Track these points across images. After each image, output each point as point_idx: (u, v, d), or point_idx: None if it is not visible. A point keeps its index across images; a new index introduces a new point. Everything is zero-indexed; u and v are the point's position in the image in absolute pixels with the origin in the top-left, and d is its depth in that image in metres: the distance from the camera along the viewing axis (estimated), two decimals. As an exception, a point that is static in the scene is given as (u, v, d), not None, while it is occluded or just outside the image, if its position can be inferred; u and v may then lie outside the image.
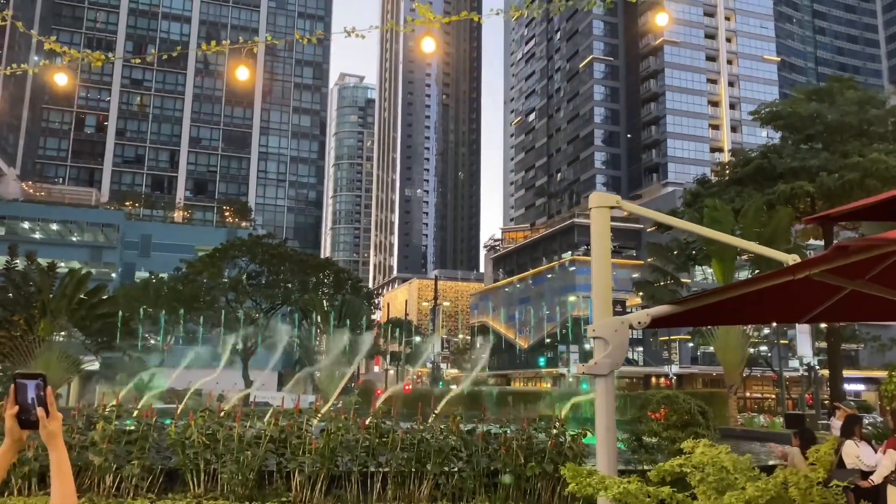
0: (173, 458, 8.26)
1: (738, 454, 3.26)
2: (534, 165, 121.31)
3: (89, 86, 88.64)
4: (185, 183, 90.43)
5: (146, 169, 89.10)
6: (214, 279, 48.99)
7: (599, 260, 3.47)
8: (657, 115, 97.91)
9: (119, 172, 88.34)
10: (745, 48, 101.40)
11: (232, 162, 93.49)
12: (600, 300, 3.44)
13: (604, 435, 3.34)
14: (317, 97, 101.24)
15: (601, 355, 3.38)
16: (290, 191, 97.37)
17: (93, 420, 8.99)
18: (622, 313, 3.68)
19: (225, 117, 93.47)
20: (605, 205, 3.59)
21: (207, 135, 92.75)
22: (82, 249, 70.99)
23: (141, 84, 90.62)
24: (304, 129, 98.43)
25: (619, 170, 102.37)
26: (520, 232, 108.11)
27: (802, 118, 33.57)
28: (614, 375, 3.42)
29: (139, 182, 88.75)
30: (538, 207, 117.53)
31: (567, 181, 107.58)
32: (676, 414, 9.84)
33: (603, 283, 3.44)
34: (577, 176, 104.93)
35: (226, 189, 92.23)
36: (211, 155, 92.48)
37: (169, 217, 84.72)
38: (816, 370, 36.75)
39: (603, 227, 3.54)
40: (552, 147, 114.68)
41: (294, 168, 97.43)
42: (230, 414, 8.98)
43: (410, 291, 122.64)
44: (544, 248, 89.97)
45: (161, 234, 75.72)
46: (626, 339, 3.43)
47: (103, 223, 74.18)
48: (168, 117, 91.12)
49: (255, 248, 51.09)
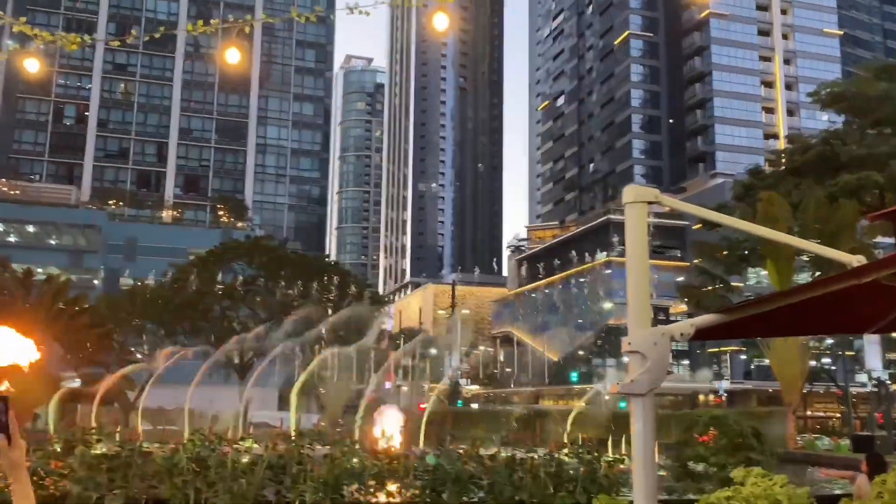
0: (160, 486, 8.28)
1: (796, 484, 3.18)
2: (563, 156, 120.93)
3: (68, 72, 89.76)
4: (175, 179, 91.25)
5: (131, 164, 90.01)
6: (208, 286, 49.33)
7: (636, 262, 3.39)
8: (703, 97, 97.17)
9: (101, 168, 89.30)
10: (803, 20, 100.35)
11: (226, 155, 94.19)
12: (637, 308, 3.35)
13: (642, 462, 3.26)
14: (320, 82, 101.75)
15: (638, 372, 3.29)
16: (291, 187, 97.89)
17: (71, 444, 9.05)
18: (665, 323, 3.60)
19: (218, 106, 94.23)
20: (641, 200, 3.48)
21: (199, 125, 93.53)
22: (61, 254, 71.87)
23: (125, 70, 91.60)
24: (307, 118, 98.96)
25: (659, 160, 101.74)
26: (548, 230, 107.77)
27: (869, 99, 33.16)
28: (653, 394, 3.34)
29: (123, 178, 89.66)
30: (568, 203, 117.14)
31: (601, 173, 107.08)
32: (726, 436, 9.72)
33: (639, 288, 3.36)
34: (612, 167, 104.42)
35: (220, 185, 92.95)
36: (203, 147, 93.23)
37: (157, 217, 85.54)
38: (887, 385, 36.24)
39: (639, 225, 3.45)
40: (584, 135, 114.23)
41: (295, 161, 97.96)
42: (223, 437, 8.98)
43: (425, 298, 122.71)
44: (576, 248, 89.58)
45: (148, 236, 76.47)
46: (668, 352, 3.33)
47: (84, 224, 75.03)
48: (155, 106, 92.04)
49: (252, 251, 51.41)
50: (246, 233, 67.07)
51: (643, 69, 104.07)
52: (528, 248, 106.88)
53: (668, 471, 10.05)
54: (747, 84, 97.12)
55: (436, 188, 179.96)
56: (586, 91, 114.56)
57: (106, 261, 74.39)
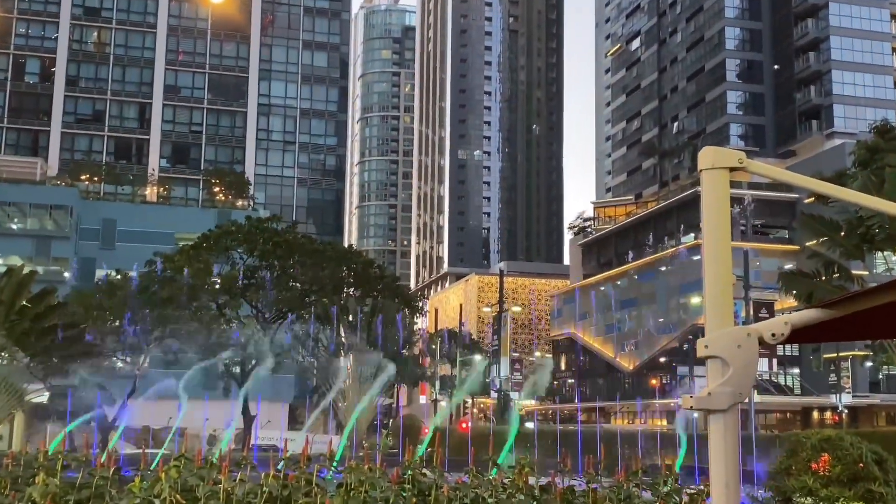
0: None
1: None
2: (639, 113, 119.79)
3: (29, 19, 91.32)
4: (160, 148, 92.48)
5: (107, 130, 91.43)
6: (201, 278, 50.03)
7: (714, 244, 3.38)
8: (817, 35, 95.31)
9: (71, 136, 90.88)
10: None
11: (222, 118, 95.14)
12: (716, 302, 3.34)
13: (723, 495, 3.25)
14: (335, 26, 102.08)
15: (718, 382, 3.28)
16: (302, 156, 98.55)
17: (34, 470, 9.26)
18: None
19: (212, 57, 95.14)
20: (722, 165, 3.48)
21: (188, 82, 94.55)
22: (24, 240, 73.36)
23: (98, 14, 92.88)
24: (320, 72, 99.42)
25: (761, 116, 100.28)
26: (620, 207, 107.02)
27: None
28: (738, 410, 3.32)
29: (98, 148, 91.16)
30: (646, 172, 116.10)
31: (687, 134, 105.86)
32: (842, 464, 9.61)
33: (719, 276, 3.33)
34: (702, 126, 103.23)
35: (214, 155, 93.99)
36: (194, 109, 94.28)
37: (139, 195, 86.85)
38: None
39: (719, 197, 3.44)
40: (665, 86, 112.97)
41: (306, 125, 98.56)
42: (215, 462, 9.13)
43: (467, 292, 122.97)
44: (656, 229, 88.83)
45: (129, 219, 77.68)
46: (755, 358, 3.31)
47: (52, 205, 76.45)
48: (135, 59, 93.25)
49: (254, 236, 51.93)
50: (247, 213, 67.74)
51: (740, 1, 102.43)
52: (596, 229, 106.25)
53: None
54: (873, 19, 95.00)
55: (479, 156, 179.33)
56: (668, 30, 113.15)
57: (78, 248, 75.79)
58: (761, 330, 3.28)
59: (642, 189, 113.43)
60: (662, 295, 79.73)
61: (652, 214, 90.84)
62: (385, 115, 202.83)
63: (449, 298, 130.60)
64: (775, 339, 3.27)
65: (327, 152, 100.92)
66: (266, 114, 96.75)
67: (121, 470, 9.50)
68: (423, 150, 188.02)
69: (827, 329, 3.50)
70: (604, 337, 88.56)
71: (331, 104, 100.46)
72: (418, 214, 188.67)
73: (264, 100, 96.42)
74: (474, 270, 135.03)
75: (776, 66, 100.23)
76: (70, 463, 9.15)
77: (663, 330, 75.69)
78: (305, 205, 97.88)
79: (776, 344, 3.40)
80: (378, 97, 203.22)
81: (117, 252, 72.52)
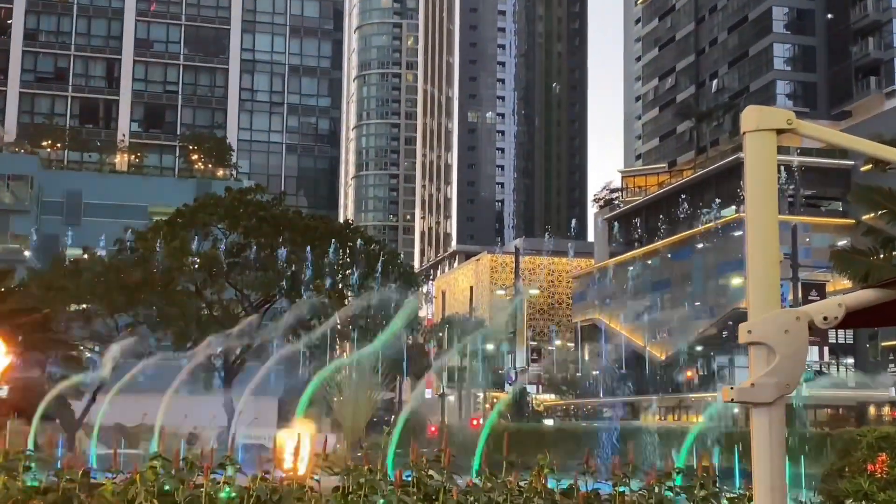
0: (110, 530, 8.53)
1: None
2: (673, 69, 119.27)
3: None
4: (131, 110, 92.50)
5: (71, 90, 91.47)
6: (177, 257, 50.18)
7: (759, 216, 3.38)
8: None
9: (31, 96, 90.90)
10: None
11: (200, 76, 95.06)
12: (760, 282, 3.35)
13: (768, 499, 3.27)
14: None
15: (762, 372, 3.30)
16: (290, 119, 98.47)
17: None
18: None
19: (188, 7, 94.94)
20: (768, 127, 3.48)
21: (162, 34, 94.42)
22: (-22, 215, 73.65)
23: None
24: (311, 22, 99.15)
25: (812, 72, 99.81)
26: (651, 176, 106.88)
27: None
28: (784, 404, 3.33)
29: (61, 110, 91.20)
30: (681, 136, 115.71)
31: (728, 92, 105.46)
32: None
33: (764, 253, 3.34)
34: (745, 84, 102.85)
35: (192, 118, 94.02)
36: (168, 66, 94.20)
37: (107, 164, 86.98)
38: None
39: (764, 162, 3.44)
40: (703, 38, 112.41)
41: (295, 84, 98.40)
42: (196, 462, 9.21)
43: (478, 272, 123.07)
44: (691, 200, 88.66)
45: (96, 190, 77.85)
46: (804, 345, 3.33)
47: (9, 174, 76.61)
48: (102, 9, 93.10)
49: (237, 209, 52.01)
50: (228, 184, 67.84)
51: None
52: (624, 202, 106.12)
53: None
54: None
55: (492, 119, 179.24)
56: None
57: (40, 224, 76.02)
58: (811, 313, 3.29)
59: (676, 156, 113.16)
60: (699, 275, 79.67)
61: (687, 184, 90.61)
62: (385, 72, 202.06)
63: (458, 280, 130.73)
64: (827, 324, 3.27)
65: (319, 115, 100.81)
66: (250, 71, 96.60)
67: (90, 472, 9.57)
68: (429, 112, 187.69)
69: (885, 313, 3.51)
70: (632, 323, 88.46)
71: (323, 60, 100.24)
72: (423, 185, 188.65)
73: (248, 55, 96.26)
74: (486, 248, 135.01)
75: (829, 16, 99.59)
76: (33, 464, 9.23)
77: (700, 315, 75.60)
78: (295, 175, 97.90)
79: (828, 329, 3.40)
80: (377, 52, 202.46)
81: (83, 228, 72.68)
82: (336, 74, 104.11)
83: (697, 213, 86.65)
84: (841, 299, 3.28)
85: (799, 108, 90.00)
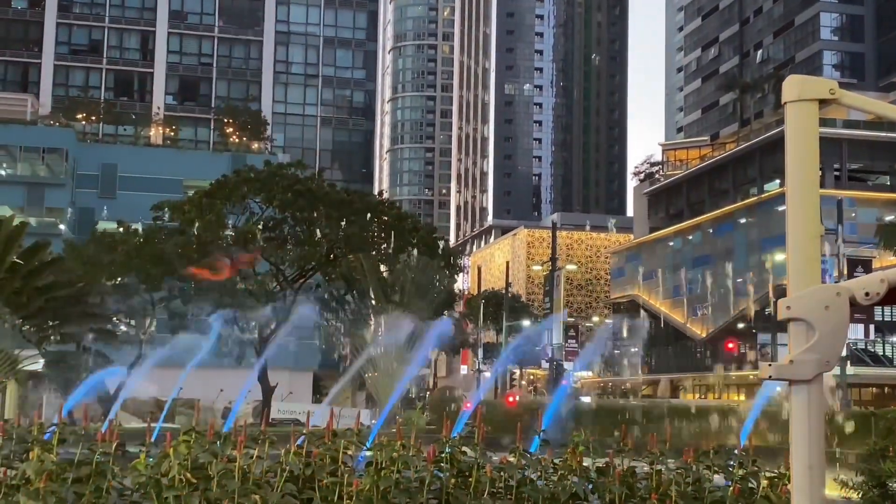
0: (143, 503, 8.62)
1: None
2: (716, 39, 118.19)
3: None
4: (166, 83, 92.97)
5: (106, 62, 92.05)
6: (213, 231, 50.55)
7: (799, 187, 3.34)
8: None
9: (65, 69, 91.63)
10: None
11: (235, 49, 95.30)
12: (800, 257, 3.31)
13: (805, 478, 3.24)
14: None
15: (801, 348, 3.27)
16: (325, 92, 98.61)
17: (27, 445, 9.45)
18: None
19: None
20: (810, 97, 3.44)
21: (197, 6, 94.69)
22: (14, 188, 74.32)
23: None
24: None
25: (861, 42, 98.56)
26: (693, 149, 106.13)
27: None
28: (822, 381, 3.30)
29: (96, 83, 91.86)
30: (724, 109, 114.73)
31: (773, 63, 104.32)
32: (948, 445, 9.50)
33: (805, 226, 3.30)
34: (791, 54, 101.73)
35: (227, 91, 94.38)
36: (203, 38, 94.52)
37: (142, 137, 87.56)
38: None
39: (805, 133, 3.40)
40: (747, 6, 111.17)
41: (330, 56, 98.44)
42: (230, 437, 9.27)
43: (515, 248, 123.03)
44: (734, 175, 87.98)
45: (131, 164, 78.39)
46: (845, 321, 3.29)
47: (45, 147, 77.31)
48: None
49: (272, 183, 52.25)
50: (264, 157, 68.12)
51: None
52: (665, 175, 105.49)
53: (858, 491, 9.93)
54: None
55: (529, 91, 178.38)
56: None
57: (75, 197, 76.78)
58: (853, 288, 3.25)
59: (719, 128, 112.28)
60: (742, 251, 79.07)
61: (730, 158, 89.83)
62: (420, 43, 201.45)
63: (494, 255, 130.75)
64: (869, 300, 3.24)
65: (354, 87, 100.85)
66: (285, 43, 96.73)
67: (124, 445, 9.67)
68: (465, 84, 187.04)
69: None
70: (672, 300, 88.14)
71: (358, 32, 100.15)
72: (459, 159, 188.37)
73: (283, 27, 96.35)
74: (523, 223, 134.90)
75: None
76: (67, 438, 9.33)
77: (742, 292, 75.08)
78: (330, 148, 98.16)
79: (871, 305, 3.36)
80: (413, 23, 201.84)
81: (118, 201, 73.36)
82: (371, 46, 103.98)
83: (741, 188, 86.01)
84: (884, 275, 3.23)
85: (846, 79, 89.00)
